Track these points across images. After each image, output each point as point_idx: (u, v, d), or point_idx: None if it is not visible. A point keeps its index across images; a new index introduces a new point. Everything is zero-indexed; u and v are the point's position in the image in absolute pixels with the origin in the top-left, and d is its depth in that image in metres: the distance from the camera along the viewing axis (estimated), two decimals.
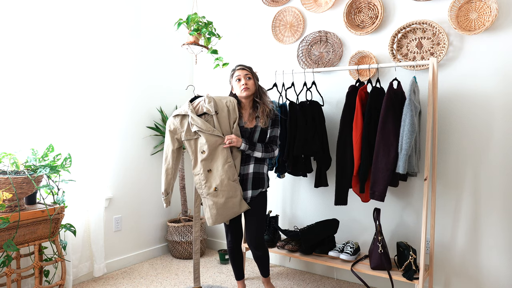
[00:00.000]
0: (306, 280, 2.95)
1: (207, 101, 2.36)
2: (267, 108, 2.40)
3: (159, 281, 2.91)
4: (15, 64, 2.48)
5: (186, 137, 2.38)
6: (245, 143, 2.35)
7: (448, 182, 2.56)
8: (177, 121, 2.39)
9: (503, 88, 2.38)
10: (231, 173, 2.34)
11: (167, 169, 2.43)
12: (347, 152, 2.46)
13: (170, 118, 2.41)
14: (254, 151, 2.37)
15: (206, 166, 2.36)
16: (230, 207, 2.34)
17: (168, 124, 2.41)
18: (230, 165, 2.34)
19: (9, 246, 2.09)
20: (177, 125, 2.39)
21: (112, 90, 3.08)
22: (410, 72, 2.64)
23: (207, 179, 2.36)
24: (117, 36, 3.11)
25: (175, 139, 2.41)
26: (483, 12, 2.41)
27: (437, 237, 2.60)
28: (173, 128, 2.40)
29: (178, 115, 2.40)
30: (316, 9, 3.03)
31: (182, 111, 2.38)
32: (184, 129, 2.38)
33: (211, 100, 2.37)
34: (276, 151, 2.44)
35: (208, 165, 2.36)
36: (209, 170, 2.36)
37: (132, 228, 3.28)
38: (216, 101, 2.39)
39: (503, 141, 2.39)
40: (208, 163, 2.36)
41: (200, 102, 2.41)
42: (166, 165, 2.43)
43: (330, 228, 2.78)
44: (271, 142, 2.44)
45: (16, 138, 2.48)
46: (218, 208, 2.33)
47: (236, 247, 2.55)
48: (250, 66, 2.53)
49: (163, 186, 2.46)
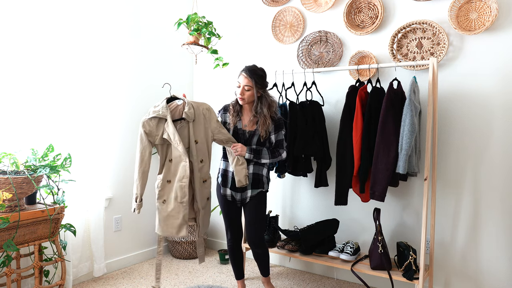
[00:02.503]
0: (306, 280, 2.95)
1: (187, 107, 2.27)
2: (267, 122, 2.35)
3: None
4: (15, 64, 2.48)
5: (160, 142, 2.29)
6: (249, 152, 2.33)
7: (448, 182, 2.56)
8: (153, 124, 2.27)
9: (503, 88, 2.38)
10: (181, 193, 2.25)
11: (143, 172, 2.29)
12: (347, 152, 2.46)
13: (146, 119, 2.27)
14: (260, 159, 2.35)
15: (168, 176, 2.30)
16: (169, 224, 2.28)
17: (143, 125, 2.26)
18: (182, 186, 2.25)
19: (9, 246, 2.09)
20: (153, 128, 2.27)
21: (112, 90, 3.07)
22: (410, 72, 2.64)
23: (162, 187, 2.30)
24: (117, 36, 3.10)
25: (149, 141, 2.28)
26: (483, 12, 2.41)
27: (437, 237, 2.60)
28: (148, 130, 2.26)
29: (155, 118, 2.27)
30: (316, 9, 3.03)
31: (161, 114, 2.25)
32: (159, 134, 2.27)
33: (191, 106, 2.29)
34: (284, 154, 2.42)
35: (170, 176, 2.30)
36: (169, 181, 2.30)
37: (132, 228, 3.28)
38: (194, 108, 2.31)
39: (503, 141, 2.39)
40: (170, 174, 2.29)
41: (177, 106, 2.32)
42: (142, 168, 2.28)
43: (330, 228, 2.78)
44: (277, 146, 2.42)
45: (16, 138, 2.48)
46: (159, 219, 2.31)
47: (236, 246, 2.55)
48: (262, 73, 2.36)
49: (139, 191, 2.30)
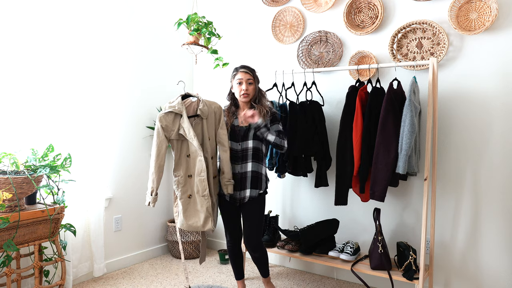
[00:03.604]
0: (306, 280, 2.95)
1: (201, 105, 2.34)
2: (264, 109, 2.37)
3: (159, 281, 2.91)
4: (15, 64, 2.48)
5: (176, 137, 2.34)
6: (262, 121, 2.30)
7: (448, 182, 2.56)
8: (169, 119, 2.32)
9: (503, 88, 2.38)
10: (201, 187, 2.30)
11: (159, 166, 2.33)
12: (347, 152, 2.45)
13: (162, 114, 2.31)
14: (268, 132, 2.31)
15: (188, 171, 2.34)
16: (195, 218, 2.33)
17: (160, 119, 2.30)
18: (201, 180, 2.29)
19: (9, 246, 2.09)
20: (169, 123, 2.32)
21: (112, 90, 3.07)
22: (410, 72, 2.64)
23: (185, 183, 2.34)
24: (117, 36, 3.10)
25: (165, 136, 2.32)
26: (483, 12, 2.41)
27: (437, 237, 2.60)
28: (165, 124, 2.31)
29: (171, 113, 2.32)
30: (316, 9, 3.03)
31: (176, 109, 2.31)
32: (175, 129, 2.32)
33: (205, 104, 2.36)
34: (286, 143, 2.37)
35: (190, 171, 2.34)
36: (190, 176, 2.34)
37: (132, 228, 3.28)
38: (207, 106, 2.37)
39: (503, 141, 2.39)
40: (190, 169, 2.33)
41: (191, 103, 2.38)
42: (159, 162, 2.32)
43: (330, 228, 2.78)
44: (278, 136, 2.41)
45: (16, 138, 2.48)
46: (186, 214, 2.34)
47: (236, 247, 2.55)
48: (254, 68, 2.46)
49: (155, 185, 2.34)
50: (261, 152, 2.43)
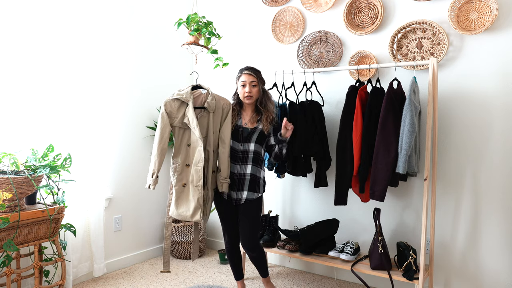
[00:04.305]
0: (306, 280, 2.95)
1: (210, 98, 2.37)
2: (271, 116, 2.41)
3: (159, 281, 2.91)
4: (15, 64, 2.48)
5: (178, 124, 2.36)
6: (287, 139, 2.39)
7: (448, 182, 2.56)
8: (175, 105, 2.34)
9: (503, 88, 2.38)
10: (196, 177, 2.31)
11: (162, 149, 2.34)
12: (347, 152, 2.45)
13: (169, 99, 2.34)
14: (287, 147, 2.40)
15: (186, 160, 2.36)
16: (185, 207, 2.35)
17: (165, 104, 2.33)
18: (197, 170, 2.31)
19: (9, 246, 2.09)
20: (174, 110, 2.34)
21: (112, 90, 3.08)
22: (410, 72, 2.64)
23: (181, 171, 2.37)
24: (117, 36, 3.11)
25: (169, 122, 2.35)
26: (483, 12, 2.41)
27: (437, 237, 2.60)
28: (169, 110, 2.34)
29: (178, 100, 2.35)
30: (316, 9, 3.03)
31: (184, 97, 2.33)
32: (179, 116, 2.35)
33: (213, 97, 2.39)
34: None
35: (188, 160, 2.36)
36: (187, 165, 2.37)
37: (132, 228, 3.28)
38: (216, 100, 2.40)
39: (503, 141, 2.38)
40: (189, 158, 2.36)
41: (200, 94, 2.41)
42: (161, 145, 2.34)
43: (330, 228, 2.78)
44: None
45: (16, 138, 2.48)
46: (177, 202, 2.36)
47: (234, 247, 2.56)
48: (259, 69, 2.45)
49: (156, 167, 2.35)
50: (261, 156, 2.46)
